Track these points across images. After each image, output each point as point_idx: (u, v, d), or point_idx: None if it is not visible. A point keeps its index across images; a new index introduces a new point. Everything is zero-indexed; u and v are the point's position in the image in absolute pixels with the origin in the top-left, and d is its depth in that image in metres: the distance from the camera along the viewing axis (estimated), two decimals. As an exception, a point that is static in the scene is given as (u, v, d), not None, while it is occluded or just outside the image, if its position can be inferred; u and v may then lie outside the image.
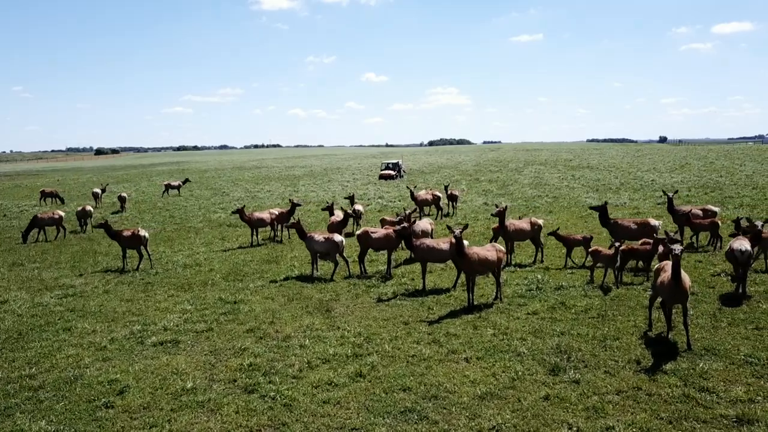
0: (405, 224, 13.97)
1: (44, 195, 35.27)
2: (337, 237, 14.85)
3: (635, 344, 9.59)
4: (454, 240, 11.96)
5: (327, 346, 9.95)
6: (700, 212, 17.42)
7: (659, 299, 9.99)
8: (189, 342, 10.52)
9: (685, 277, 9.39)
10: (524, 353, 9.38)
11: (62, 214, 23.72)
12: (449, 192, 27.13)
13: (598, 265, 13.36)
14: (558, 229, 16.25)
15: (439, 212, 26.03)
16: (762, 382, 8.04)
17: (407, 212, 16.57)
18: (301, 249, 18.54)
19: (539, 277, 13.99)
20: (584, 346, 9.58)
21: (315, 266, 15.22)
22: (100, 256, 19.39)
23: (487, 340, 10.05)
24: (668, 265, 9.80)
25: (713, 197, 28.55)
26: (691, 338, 9.63)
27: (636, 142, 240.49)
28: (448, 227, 12.37)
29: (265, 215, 20.50)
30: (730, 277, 12.75)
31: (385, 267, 15.17)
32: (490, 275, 13.06)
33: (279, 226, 21.24)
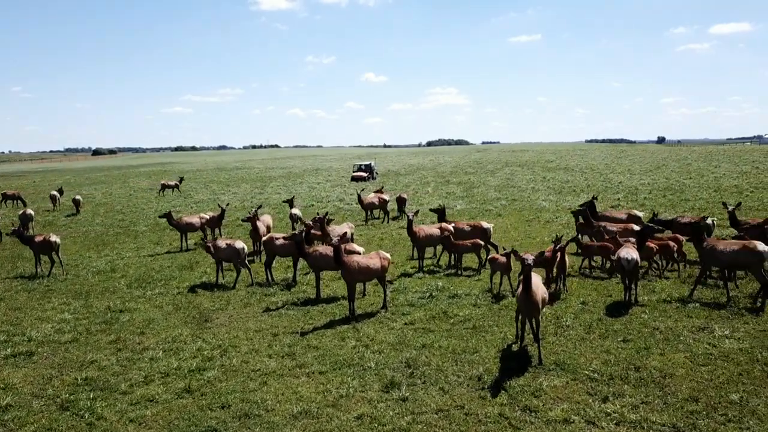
0: (304, 229, 13.69)
1: (5, 197, 35.05)
2: (239, 244, 14.57)
3: (491, 358, 9.30)
4: (332, 248, 11.67)
5: (176, 360, 9.69)
6: (623, 216, 17.12)
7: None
8: (45, 354, 10.26)
9: (538, 290, 9.09)
10: (371, 368, 9.09)
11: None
12: (398, 196, 26.87)
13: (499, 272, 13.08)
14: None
15: (386, 216, 25.71)
16: (591, 400, 7.75)
17: (319, 216, 16.27)
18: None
19: (439, 284, 13.70)
20: (435, 359, 9.30)
21: (220, 273, 14.96)
22: (25, 261, 19.12)
23: (344, 353, 9.77)
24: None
25: (671, 200, 28.27)
26: (551, 351, 9.39)
27: (634, 142, 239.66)
28: (323, 235, 12.09)
29: (194, 220, 20.24)
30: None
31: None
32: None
33: (211, 231, 20.98)
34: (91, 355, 10.06)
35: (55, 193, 33.65)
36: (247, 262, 14.89)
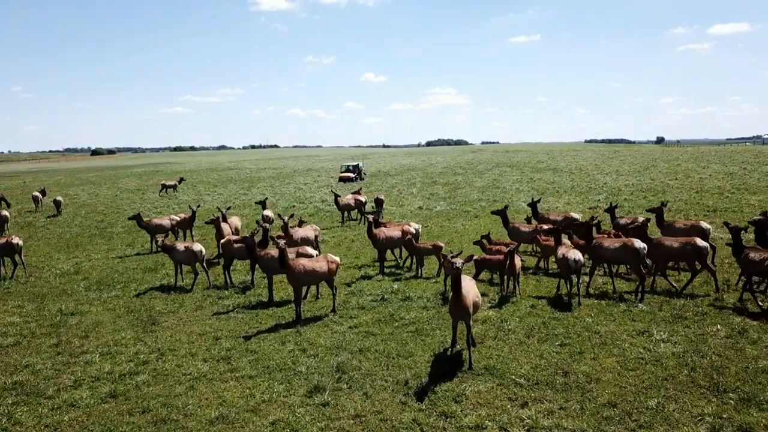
0: (258, 232, 13.67)
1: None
2: (196, 246, 14.56)
3: (424, 362, 9.28)
4: (278, 251, 11.66)
5: (110, 364, 9.69)
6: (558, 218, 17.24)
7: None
8: (-18, 358, 10.24)
9: (469, 294, 9.07)
10: (301, 372, 9.08)
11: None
12: (376, 197, 26.90)
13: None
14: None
15: (363, 217, 25.68)
16: (509, 405, 7.73)
17: (285, 219, 16.25)
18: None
19: (395, 287, 13.69)
20: (368, 364, 9.28)
21: (179, 276, 14.96)
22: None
23: (280, 357, 9.76)
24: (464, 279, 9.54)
25: (650, 201, 28.19)
26: (485, 356, 9.40)
27: (634, 142, 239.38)
28: (271, 238, 12.10)
29: (164, 221, 20.23)
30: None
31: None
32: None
33: (183, 232, 20.98)
34: (28, 359, 10.04)
35: (37, 194, 33.66)
36: (206, 264, 14.88)
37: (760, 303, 11.26)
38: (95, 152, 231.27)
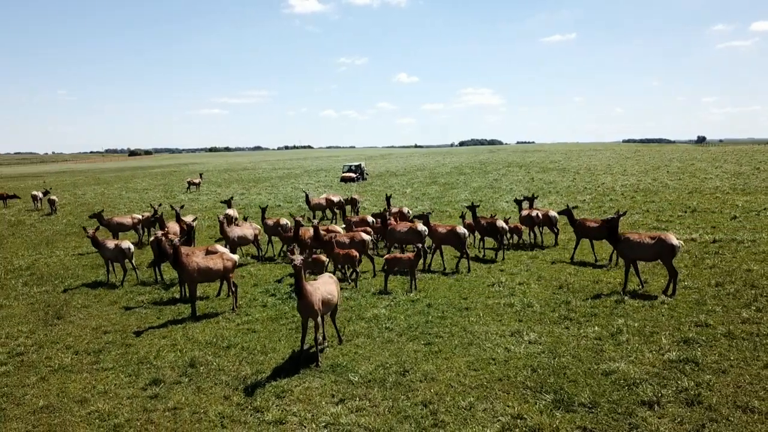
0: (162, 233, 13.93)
1: (-1, 198, 36.52)
2: (125, 244, 14.93)
3: (279, 359, 9.36)
4: (170, 249, 11.88)
5: (-14, 355, 10.04)
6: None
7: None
8: None
9: (317, 291, 9.09)
10: (155, 365, 9.28)
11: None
12: (351, 197, 27.05)
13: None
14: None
15: (335, 217, 25.87)
16: (325, 402, 7.76)
17: (191, 220, 16.52)
18: (143, 255, 18.85)
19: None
20: (223, 359, 9.42)
21: (110, 272, 15.38)
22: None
23: (148, 351, 9.96)
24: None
25: (637, 201, 27.64)
26: (343, 353, 9.45)
27: (673, 142, 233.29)
28: (156, 235, 12.33)
29: (125, 220, 20.76)
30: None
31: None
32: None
33: (146, 231, 21.47)
34: None
35: (36, 192, 34.91)
36: (134, 262, 15.25)
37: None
38: (133, 153, 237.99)
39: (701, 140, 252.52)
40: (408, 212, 20.40)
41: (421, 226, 15.46)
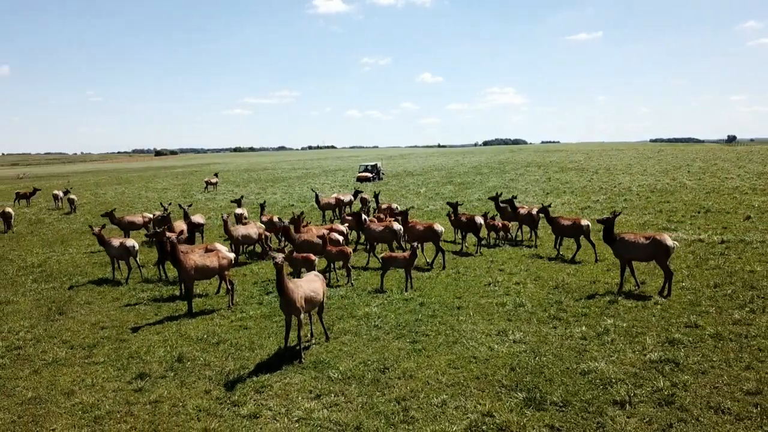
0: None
1: (18, 197, 37.48)
2: (129, 242, 15.26)
3: (264, 354, 9.51)
4: (169, 246, 12.12)
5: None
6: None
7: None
8: None
9: (299, 290, 9.22)
10: (145, 360, 9.51)
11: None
12: (361, 196, 27.15)
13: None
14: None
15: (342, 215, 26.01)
16: (301, 397, 7.88)
17: (201, 219, 16.79)
18: (151, 253, 19.22)
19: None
20: (210, 355, 9.60)
21: (115, 269, 15.72)
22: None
23: (141, 346, 10.19)
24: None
25: (651, 201, 27.32)
26: (327, 350, 9.57)
27: (702, 141, 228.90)
28: (159, 233, 12.57)
29: (137, 218, 21.19)
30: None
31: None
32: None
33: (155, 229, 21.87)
34: None
35: (57, 192, 35.78)
36: (138, 260, 15.58)
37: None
38: (159, 153, 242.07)
39: (731, 139, 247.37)
40: (396, 208, 20.97)
41: (396, 225, 15.98)
